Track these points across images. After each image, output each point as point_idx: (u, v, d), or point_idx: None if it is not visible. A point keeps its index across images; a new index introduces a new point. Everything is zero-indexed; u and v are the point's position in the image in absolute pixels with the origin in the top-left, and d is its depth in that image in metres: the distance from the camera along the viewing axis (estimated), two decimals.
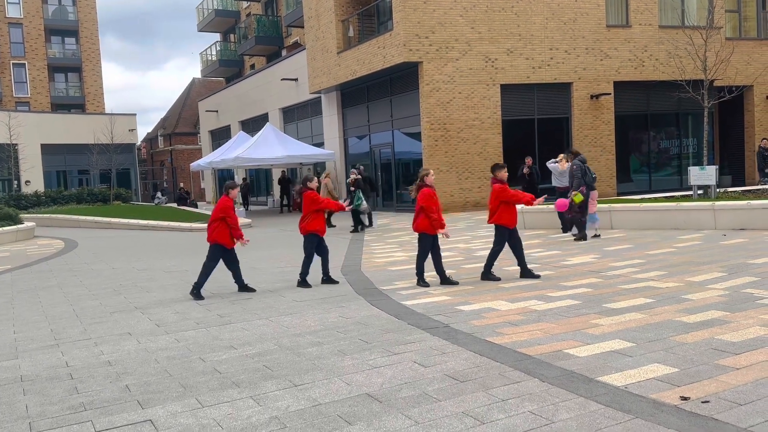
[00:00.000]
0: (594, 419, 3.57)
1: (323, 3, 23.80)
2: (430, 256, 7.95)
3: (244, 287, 8.17)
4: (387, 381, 4.37)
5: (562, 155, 13.20)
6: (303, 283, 8.25)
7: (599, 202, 13.63)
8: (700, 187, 14.00)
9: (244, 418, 3.85)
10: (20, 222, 20.13)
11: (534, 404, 3.83)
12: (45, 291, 9.24)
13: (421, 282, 7.91)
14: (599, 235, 11.77)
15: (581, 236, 11.54)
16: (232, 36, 42.75)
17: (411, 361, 4.78)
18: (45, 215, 26.37)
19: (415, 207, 8.13)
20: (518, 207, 14.78)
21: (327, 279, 8.42)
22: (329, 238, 13.56)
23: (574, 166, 11.44)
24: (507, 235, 8.05)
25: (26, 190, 35.48)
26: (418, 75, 19.82)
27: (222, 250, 8.00)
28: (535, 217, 14.33)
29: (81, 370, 5.07)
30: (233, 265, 8.14)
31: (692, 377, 4.16)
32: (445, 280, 7.93)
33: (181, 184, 44.28)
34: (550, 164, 13.09)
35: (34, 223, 21.08)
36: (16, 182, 35.21)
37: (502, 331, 5.54)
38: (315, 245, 8.38)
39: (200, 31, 43.78)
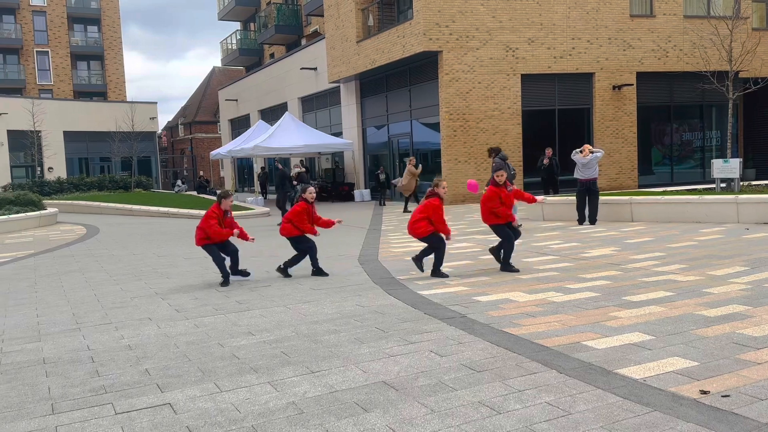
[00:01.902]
0: (612, 411, 3.55)
1: None
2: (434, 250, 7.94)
3: (237, 272, 8.25)
4: (403, 369, 4.38)
5: (586, 145, 13.10)
6: (318, 271, 8.30)
7: (621, 193, 13.62)
8: (723, 180, 13.79)
9: (262, 403, 3.88)
10: (43, 208, 20.44)
11: (551, 395, 3.81)
12: (67, 276, 9.39)
13: (439, 274, 7.85)
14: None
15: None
16: (252, 25, 42.80)
17: (428, 351, 4.79)
18: (67, 201, 26.75)
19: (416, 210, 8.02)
20: (538, 198, 14.72)
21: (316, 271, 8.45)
22: (348, 228, 13.63)
23: (495, 163, 12.07)
24: (505, 228, 7.97)
25: (49, 176, 36.01)
26: (438, 64, 19.71)
27: (213, 245, 8.01)
28: (554, 209, 14.23)
29: (102, 353, 5.15)
30: (231, 253, 8.16)
31: (712, 371, 4.11)
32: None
33: (201, 173, 44.61)
34: (574, 156, 12.96)
35: (57, 209, 21.40)
36: (39, 169, 35.73)
37: (519, 322, 5.52)
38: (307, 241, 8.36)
39: (221, 19, 43.88)
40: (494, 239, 11.22)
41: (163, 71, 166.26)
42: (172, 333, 5.70)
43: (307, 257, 8.35)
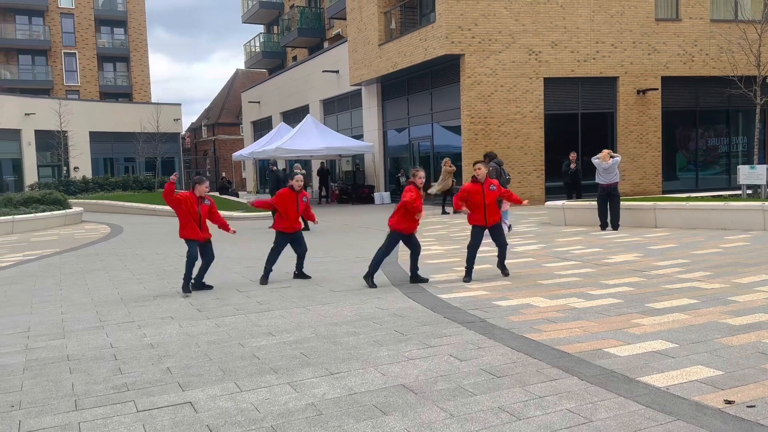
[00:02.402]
0: (634, 420, 3.51)
1: None
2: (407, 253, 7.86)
3: (200, 285, 7.79)
4: (422, 373, 4.37)
5: (605, 150, 12.97)
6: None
7: (645, 199, 13.50)
8: (749, 187, 13.56)
9: (281, 404, 3.90)
10: (69, 207, 20.78)
11: (572, 402, 3.78)
12: (91, 274, 9.52)
13: (370, 282, 7.55)
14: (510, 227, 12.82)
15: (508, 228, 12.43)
16: (275, 28, 43.11)
17: (447, 355, 4.77)
18: (92, 201, 27.16)
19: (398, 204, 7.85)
20: (558, 203, 14.62)
21: (298, 274, 8.37)
22: (367, 230, 13.65)
23: (491, 168, 12.46)
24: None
25: (74, 176, 36.59)
26: (460, 67, 19.67)
27: (193, 241, 7.51)
28: (576, 214, 14.10)
29: (125, 351, 5.21)
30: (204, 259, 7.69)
31: (737, 381, 4.04)
32: (416, 278, 7.75)
33: (224, 174, 44.99)
34: (595, 160, 12.85)
35: (82, 209, 21.74)
36: (65, 168, 36.32)
37: (540, 327, 5.48)
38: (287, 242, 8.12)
39: (244, 22, 44.28)
40: (515, 243, 11.15)
41: (187, 73, 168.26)
42: (193, 332, 5.75)
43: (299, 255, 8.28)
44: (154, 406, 3.95)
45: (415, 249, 7.72)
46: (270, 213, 16.03)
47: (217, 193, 34.07)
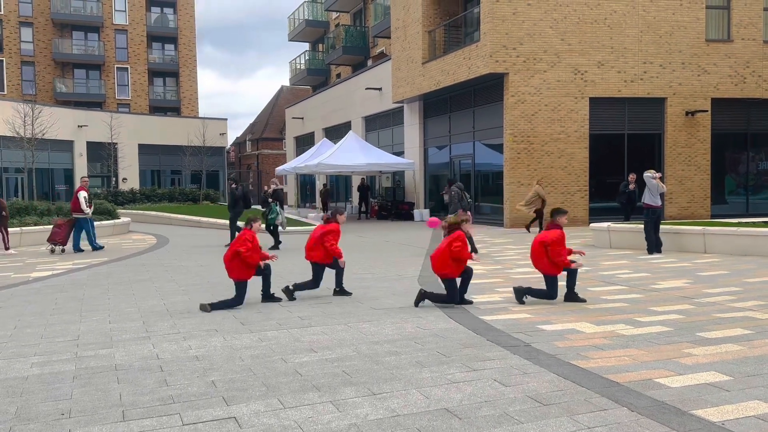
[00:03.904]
0: None
1: (411, 14, 23.98)
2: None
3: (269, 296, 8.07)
4: (466, 397, 4.31)
5: (652, 172, 12.77)
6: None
7: (694, 223, 13.19)
8: None
9: (324, 423, 3.89)
10: (117, 217, 21.34)
11: None
12: (138, 284, 9.74)
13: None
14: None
15: (474, 250, 12.18)
16: (320, 46, 43.78)
17: (491, 379, 4.69)
18: (139, 211, 27.85)
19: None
20: (603, 225, 14.34)
21: (339, 291, 8.41)
22: (408, 247, 13.61)
23: (453, 192, 12.98)
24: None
25: (123, 187, 37.64)
26: (504, 86, 19.59)
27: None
28: (622, 237, 13.81)
29: (170, 362, 5.29)
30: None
31: None
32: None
33: (267, 187, 45.71)
34: (651, 177, 12.56)
35: (130, 219, 22.30)
36: (114, 179, 37.41)
37: (587, 354, 5.35)
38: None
39: (290, 40, 45.10)
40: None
41: (234, 89, 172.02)
42: (237, 345, 5.81)
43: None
44: (199, 420, 3.99)
45: (467, 274, 7.62)
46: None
47: (259, 207, 34.62)
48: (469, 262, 7.52)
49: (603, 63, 19.68)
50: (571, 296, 7.68)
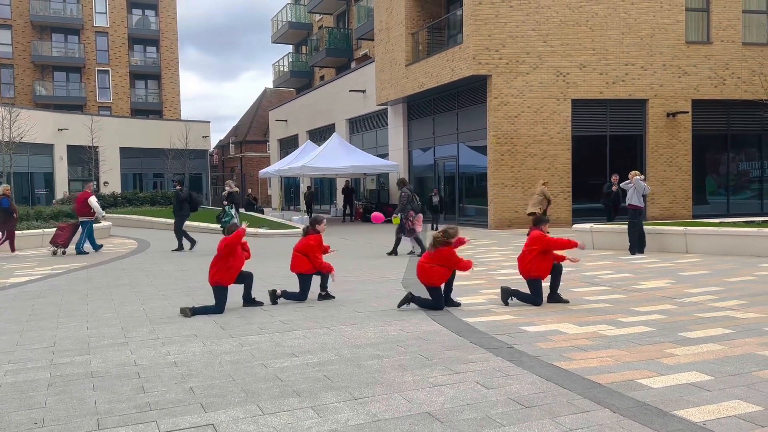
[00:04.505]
0: None
1: (394, 16, 23.98)
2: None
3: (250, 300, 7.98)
4: (448, 401, 4.26)
5: (633, 172, 12.88)
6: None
7: (675, 223, 13.29)
8: None
9: (304, 429, 3.83)
10: (98, 221, 21.05)
11: None
12: (117, 289, 9.59)
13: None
14: (414, 253, 13.33)
15: (423, 250, 12.61)
16: (303, 48, 43.68)
17: (473, 382, 4.66)
18: (120, 215, 27.54)
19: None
20: (586, 226, 14.40)
21: (324, 295, 8.33)
22: (381, 252, 13.57)
23: (403, 194, 13.16)
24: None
25: (104, 190, 37.22)
26: (487, 88, 19.64)
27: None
28: (605, 238, 13.87)
29: (148, 369, 5.20)
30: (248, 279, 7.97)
31: None
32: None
33: (249, 190, 45.46)
34: (640, 181, 12.68)
35: (110, 223, 22.03)
36: (95, 183, 36.96)
37: (569, 355, 5.34)
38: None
39: (274, 42, 44.94)
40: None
41: (217, 91, 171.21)
42: (217, 351, 5.72)
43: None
44: (176, 427, 3.91)
45: (450, 276, 7.57)
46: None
47: (242, 210, 34.40)
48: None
49: (585, 65, 19.80)
50: (554, 297, 7.68)
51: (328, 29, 37.91)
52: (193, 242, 15.39)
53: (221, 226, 14.28)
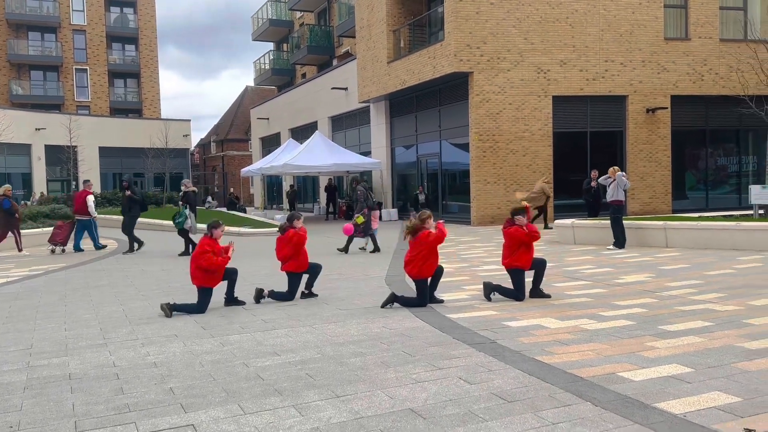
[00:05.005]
0: None
1: (375, 13, 23.93)
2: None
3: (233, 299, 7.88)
4: (431, 396, 4.25)
5: (613, 168, 12.98)
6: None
7: (655, 218, 13.44)
8: (761, 207, 13.40)
9: (286, 428, 3.79)
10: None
11: (586, 429, 3.65)
12: (96, 290, 9.46)
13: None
14: (366, 249, 13.61)
15: (376, 249, 13.32)
16: (285, 45, 43.44)
17: (456, 377, 4.65)
18: (100, 216, 27.14)
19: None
20: (567, 221, 14.50)
21: (307, 293, 8.26)
22: (357, 253, 13.56)
23: (359, 192, 13.32)
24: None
25: None
26: (468, 85, 19.68)
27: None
28: (587, 233, 13.96)
29: (127, 370, 5.12)
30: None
31: (757, 408, 3.90)
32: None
33: (231, 189, 45.15)
34: (623, 177, 12.78)
35: None
36: (74, 183, 36.47)
37: (551, 350, 5.35)
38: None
39: (254, 40, 44.63)
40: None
41: (198, 90, 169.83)
42: (197, 351, 5.66)
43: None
44: (155, 428, 3.85)
45: (437, 273, 7.56)
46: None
47: (224, 209, 34.16)
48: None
49: (565, 62, 19.91)
50: (537, 292, 7.71)
51: (310, 26, 37.74)
52: (140, 243, 15.28)
53: (176, 226, 14.02)
